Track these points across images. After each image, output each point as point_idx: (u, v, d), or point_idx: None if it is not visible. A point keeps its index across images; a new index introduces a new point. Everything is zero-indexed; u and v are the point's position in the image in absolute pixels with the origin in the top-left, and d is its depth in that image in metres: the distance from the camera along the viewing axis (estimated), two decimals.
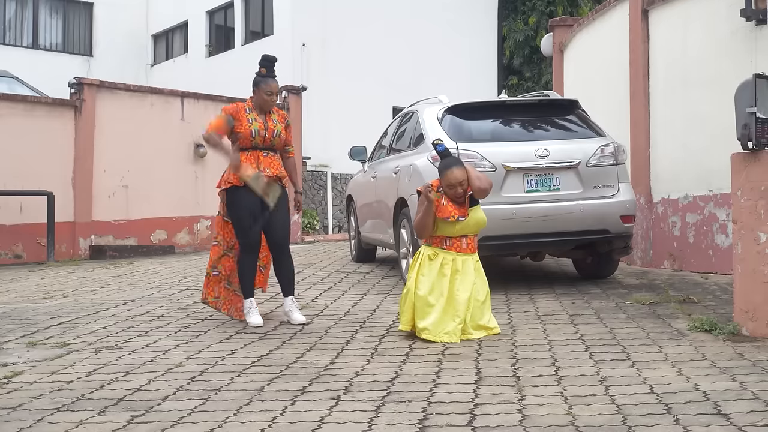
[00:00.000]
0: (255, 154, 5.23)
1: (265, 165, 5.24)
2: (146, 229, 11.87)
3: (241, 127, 5.20)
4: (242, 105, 5.32)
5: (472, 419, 3.06)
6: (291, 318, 5.28)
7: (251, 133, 5.20)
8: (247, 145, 5.22)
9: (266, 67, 5.33)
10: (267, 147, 5.29)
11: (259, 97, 5.29)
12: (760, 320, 4.40)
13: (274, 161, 5.33)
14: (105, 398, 3.51)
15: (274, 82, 5.30)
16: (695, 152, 7.59)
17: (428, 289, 4.68)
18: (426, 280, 4.71)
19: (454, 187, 4.74)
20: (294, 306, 5.34)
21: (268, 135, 5.26)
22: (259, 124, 5.24)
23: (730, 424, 2.91)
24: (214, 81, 19.38)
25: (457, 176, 4.74)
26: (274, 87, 5.29)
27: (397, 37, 20.05)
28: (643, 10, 8.27)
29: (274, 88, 5.29)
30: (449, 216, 4.73)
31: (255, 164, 5.19)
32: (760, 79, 4.48)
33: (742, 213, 4.53)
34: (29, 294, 7.27)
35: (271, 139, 5.29)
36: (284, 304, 5.38)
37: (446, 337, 4.58)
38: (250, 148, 5.23)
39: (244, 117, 5.24)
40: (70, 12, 23.22)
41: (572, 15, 19.56)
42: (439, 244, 4.80)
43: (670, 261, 7.89)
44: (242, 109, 5.29)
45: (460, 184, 4.75)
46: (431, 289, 4.69)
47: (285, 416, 3.18)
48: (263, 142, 5.26)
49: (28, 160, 10.64)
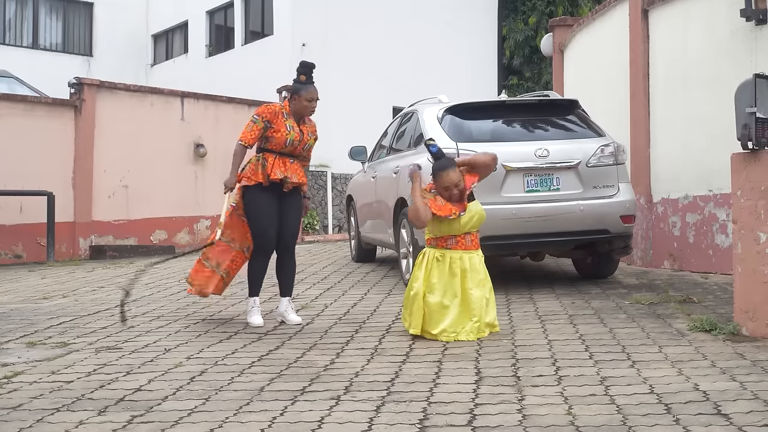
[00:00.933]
0: (283, 160, 5.23)
1: (292, 172, 5.24)
2: (146, 229, 11.87)
3: (277, 132, 5.19)
4: (279, 109, 5.28)
5: (472, 419, 3.06)
6: (287, 319, 5.30)
7: (286, 141, 5.20)
8: (277, 149, 5.21)
9: (305, 74, 5.28)
10: (296, 155, 5.31)
11: (299, 104, 5.25)
12: (760, 320, 4.40)
13: (299, 169, 5.32)
14: (105, 398, 3.51)
15: (314, 89, 5.28)
16: (695, 152, 7.60)
17: (441, 293, 4.68)
18: (438, 284, 4.69)
19: (449, 189, 4.73)
20: (291, 307, 5.37)
21: (299, 146, 5.28)
22: (296, 134, 5.24)
23: (730, 424, 2.91)
24: (214, 81, 19.38)
25: (452, 178, 4.74)
26: (315, 94, 5.27)
27: (397, 37, 20.04)
28: (643, 10, 8.27)
29: (315, 94, 5.27)
30: (450, 214, 4.71)
31: (283, 169, 5.19)
32: (760, 79, 4.48)
33: (742, 213, 4.53)
34: (29, 294, 7.27)
35: (301, 151, 5.31)
36: (280, 305, 5.40)
37: (464, 335, 4.58)
38: (279, 153, 5.22)
39: (282, 123, 5.22)
40: (70, 12, 23.21)
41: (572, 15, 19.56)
42: (445, 244, 4.79)
43: (670, 261, 7.89)
44: (280, 113, 5.25)
45: (456, 186, 4.74)
46: (444, 292, 4.68)
47: (285, 416, 3.18)
48: (293, 151, 5.26)
49: (28, 160, 10.64)
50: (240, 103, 13.30)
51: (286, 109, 5.28)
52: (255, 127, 5.20)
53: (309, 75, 5.28)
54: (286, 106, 5.30)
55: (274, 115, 5.22)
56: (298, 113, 5.29)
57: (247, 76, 19.33)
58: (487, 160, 4.89)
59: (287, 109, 5.28)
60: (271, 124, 5.19)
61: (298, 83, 5.28)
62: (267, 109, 5.25)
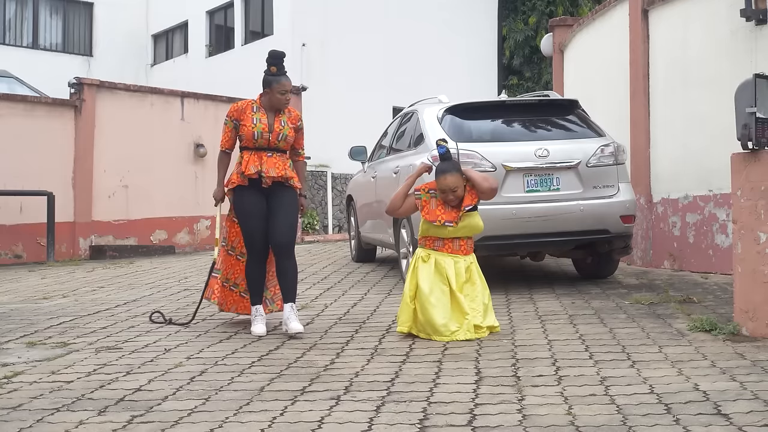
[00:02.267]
0: (258, 155, 5.03)
1: (269, 165, 5.01)
2: (146, 229, 11.87)
3: (244, 128, 5.03)
4: (249, 103, 5.11)
5: (472, 419, 3.06)
6: (288, 327, 4.95)
7: (254, 134, 5.00)
8: (250, 145, 5.04)
9: (275, 64, 5.04)
10: (272, 148, 5.06)
11: (272, 97, 5.04)
12: (760, 320, 4.40)
13: (279, 162, 5.07)
14: (105, 398, 3.51)
15: (286, 80, 5.04)
16: (695, 152, 7.59)
17: (428, 291, 4.70)
18: (425, 283, 4.72)
19: (446, 192, 4.76)
20: (293, 314, 5.01)
21: (272, 137, 5.03)
22: (263, 126, 5.02)
23: (730, 424, 2.91)
24: (214, 81, 19.38)
25: (449, 183, 4.75)
26: (287, 85, 5.03)
27: (397, 37, 20.05)
28: (643, 10, 8.27)
29: (287, 86, 5.03)
30: (435, 220, 4.76)
31: (257, 163, 4.99)
32: (760, 79, 4.48)
33: (742, 213, 4.53)
34: (29, 294, 7.27)
35: (276, 142, 5.05)
36: (284, 311, 5.09)
37: (462, 334, 4.60)
38: (254, 148, 5.04)
39: (249, 117, 5.04)
40: (70, 12, 23.21)
41: (572, 15, 19.56)
42: (432, 245, 4.84)
43: (670, 261, 7.89)
44: (248, 107, 5.08)
45: (452, 191, 4.75)
46: (431, 290, 4.70)
47: (285, 416, 3.18)
48: (267, 144, 5.04)
49: (28, 160, 10.64)
50: None
51: (257, 103, 5.09)
52: (226, 129, 5.12)
53: (280, 65, 5.05)
54: (258, 100, 5.11)
55: (240, 112, 5.06)
56: (272, 107, 5.08)
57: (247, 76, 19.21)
58: (488, 189, 4.85)
59: (258, 103, 5.09)
60: (240, 121, 5.05)
61: (269, 75, 5.03)
62: (234, 107, 5.11)
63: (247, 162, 5.01)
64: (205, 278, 6.25)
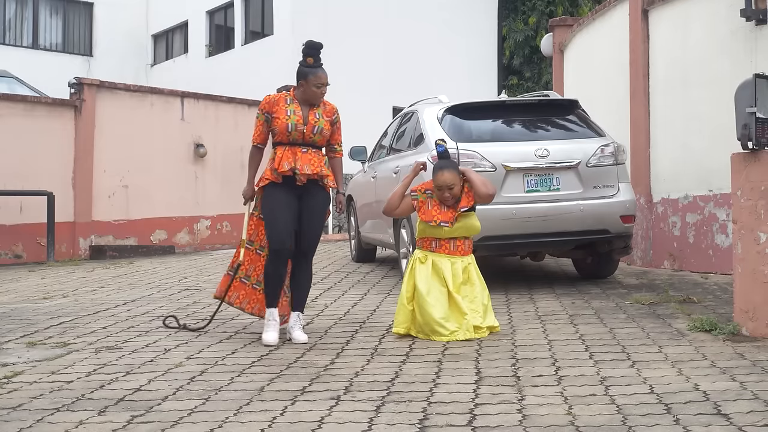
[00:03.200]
0: (293, 150, 4.70)
1: (303, 162, 4.69)
2: (146, 229, 11.87)
3: (277, 121, 4.71)
4: (282, 96, 4.81)
5: (472, 419, 3.06)
6: (292, 336, 4.74)
7: (287, 127, 4.68)
8: (284, 140, 4.71)
9: (312, 55, 4.73)
10: (307, 143, 4.75)
11: (306, 90, 4.74)
12: (760, 320, 4.40)
13: (315, 158, 4.76)
14: (105, 398, 3.51)
15: (323, 73, 4.74)
16: (695, 152, 7.60)
17: (426, 292, 4.70)
18: (422, 284, 4.73)
19: (442, 189, 4.76)
20: (299, 323, 4.80)
21: (307, 131, 4.72)
22: (297, 118, 4.71)
23: (730, 424, 2.91)
24: (214, 81, 19.38)
25: (446, 179, 4.75)
26: (324, 78, 4.74)
27: (397, 37, 20.04)
28: (643, 10, 8.27)
29: (324, 78, 4.74)
30: (431, 220, 4.77)
31: (291, 160, 4.68)
32: (760, 79, 4.48)
33: (742, 213, 4.53)
34: (29, 294, 7.27)
35: (311, 135, 4.73)
36: (290, 319, 4.85)
37: (461, 334, 4.60)
38: (288, 143, 4.72)
39: (282, 109, 4.73)
40: (70, 12, 23.21)
41: (572, 15, 19.56)
42: (429, 246, 4.85)
43: (670, 261, 7.89)
44: (281, 100, 4.78)
45: (449, 188, 4.76)
46: (428, 291, 4.70)
47: (285, 416, 3.18)
48: (302, 138, 4.72)
49: (28, 160, 10.64)
50: (240, 103, 13.31)
51: (290, 95, 4.81)
52: (258, 123, 4.83)
53: (317, 57, 4.75)
54: (292, 93, 4.83)
55: (273, 104, 4.77)
56: (307, 100, 4.78)
57: (247, 76, 19.33)
58: (486, 194, 4.83)
59: (292, 95, 4.81)
60: (272, 113, 4.75)
61: (305, 66, 4.74)
62: (266, 100, 4.83)
63: (281, 158, 4.69)
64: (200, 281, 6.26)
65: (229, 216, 12.82)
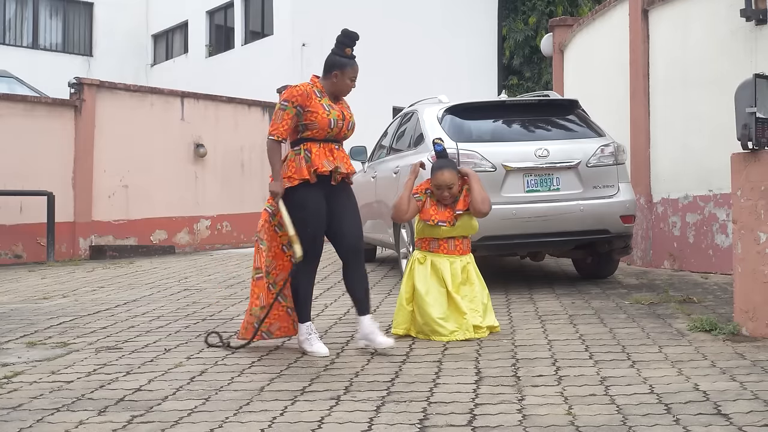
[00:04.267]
0: (329, 148, 4.36)
1: (340, 161, 4.38)
2: (146, 229, 11.87)
3: (316, 115, 4.29)
4: (309, 88, 4.38)
5: (472, 419, 3.06)
6: (375, 342, 4.31)
7: (330, 123, 4.31)
8: (320, 136, 4.32)
9: (351, 46, 4.40)
10: (340, 139, 4.43)
11: (340, 82, 4.40)
12: (760, 320, 4.40)
13: (346, 156, 4.48)
14: (105, 398, 3.51)
15: (357, 65, 4.44)
16: (695, 152, 7.60)
17: (425, 292, 4.70)
18: (422, 285, 4.73)
19: (441, 188, 4.76)
20: (376, 327, 4.37)
21: (344, 125, 4.40)
22: (337, 113, 4.36)
23: (730, 424, 2.91)
24: (214, 81, 19.38)
25: (446, 179, 4.75)
26: (357, 72, 4.45)
27: (397, 36, 20.04)
28: (643, 10, 8.27)
29: (357, 73, 4.45)
30: (429, 219, 4.77)
31: (331, 158, 4.35)
32: (760, 79, 4.48)
33: (742, 213, 4.53)
34: (29, 294, 7.27)
35: (346, 131, 4.43)
36: (362, 326, 4.39)
37: (460, 334, 4.60)
38: (323, 140, 4.35)
39: (317, 103, 4.33)
40: (70, 12, 23.21)
41: (572, 15, 19.56)
42: (427, 247, 4.85)
43: (670, 261, 7.89)
44: (312, 93, 4.35)
45: (448, 188, 4.76)
46: (427, 292, 4.70)
47: (285, 416, 3.18)
48: (339, 134, 4.40)
49: (28, 160, 10.64)
50: (240, 103, 13.31)
51: (317, 87, 4.41)
52: (286, 115, 4.30)
53: (353, 48, 4.44)
54: (317, 84, 4.43)
55: (305, 97, 4.32)
56: (334, 93, 4.44)
57: (247, 76, 19.33)
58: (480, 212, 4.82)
59: (319, 87, 4.42)
60: (305, 107, 4.31)
61: (343, 57, 4.39)
62: (295, 92, 4.35)
63: (318, 156, 4.32)
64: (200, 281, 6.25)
65: (229, 216, 12.82)
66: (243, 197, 13.01)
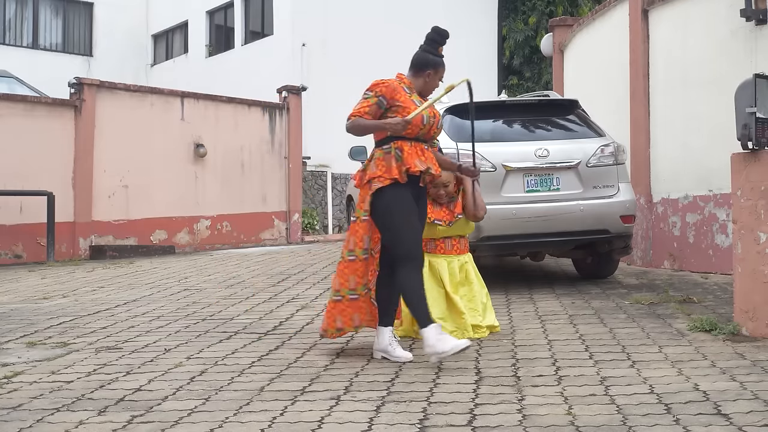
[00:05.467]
0: (420, 147, 4.18)
1: (430, 161, 4.21)
2: (146, 229, 11.86)
3: (406, 111, 4.10)
4: (397, 83, 4.21)
5: (472, 419, 3.06)
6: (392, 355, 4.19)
7: (423, 119, 4.12)
8: (414, 134, 4.13)
9: (443, 45, 4.27)
10: (428, 140, 4.26)
11: (432, 81, 4.28)
12: (760, 320, 4.40)
13: (434, 158, 4.31)
14: (105, 398, 3.51)
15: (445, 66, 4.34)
16: (695, 152, 7.60)
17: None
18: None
19: (437, 187, 4.75)
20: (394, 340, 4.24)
21: (435, 123, 4.24)
22: (428, 111, 4.17)
23: (730, 424, 2.91)
24: (214, 81, 19.38)
25: (443, 178, 4.75)
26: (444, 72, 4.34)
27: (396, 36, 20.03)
28: (643, 10, 8.27)
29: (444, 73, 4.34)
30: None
31: (423, 158, 4.16)
32: (760, 79, 4.48)
33: (742, 213, 4.53)
34: (29, 294, 7.27)
35: (435, 131, 4.27)
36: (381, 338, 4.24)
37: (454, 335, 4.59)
38: (413, 138, 4.16)
39: (408, 99, 4.16)
40: (70, 12, 23.22)
41: (572, 15, 19.55)
42: (425, 247, 4.82)
43: (670, 261, 7.89)
44: (399, 88, 4.18)
45: (444, 186, 4.75)
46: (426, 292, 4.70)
47: (285, 416, 3.18)
48: (429, 132, 4.21)
49: (28, 160, 10.63)
50: (240, 103, 13.31)
51: (405, 83, 4.25)
52: (367, 102, 4.14)
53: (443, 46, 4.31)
54: (404, 80, 4.28)
55: (392, 90, 4.13)
56: (421, 92, 4.29)
57: (247, 76, 19.33)
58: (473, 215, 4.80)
59: (407, 83, 4.26)
60: (394, 101, 4.13)
61: (436, 56, 4.26)
62: (384, 84, 4.17)
63: (410, 155, 4.13)
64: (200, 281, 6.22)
65: (229, 216, 12.83)
66: (243, 197, 13.02)
